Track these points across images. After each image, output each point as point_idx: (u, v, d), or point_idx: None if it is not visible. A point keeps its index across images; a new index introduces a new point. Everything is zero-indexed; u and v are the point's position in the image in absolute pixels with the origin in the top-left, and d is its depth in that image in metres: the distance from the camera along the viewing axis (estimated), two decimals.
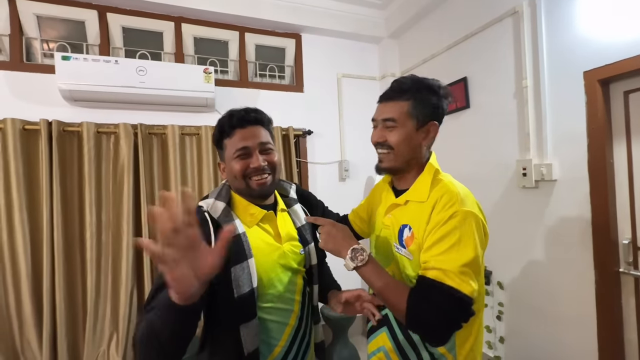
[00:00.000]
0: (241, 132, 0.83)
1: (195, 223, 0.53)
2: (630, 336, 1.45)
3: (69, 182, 1.92)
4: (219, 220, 0.78)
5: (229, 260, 0.74)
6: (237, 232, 0.79)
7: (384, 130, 0.85)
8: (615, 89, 1.47)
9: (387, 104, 0.85)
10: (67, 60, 1.82)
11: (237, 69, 2.48)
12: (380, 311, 0.85)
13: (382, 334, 0.87)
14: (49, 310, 1.78)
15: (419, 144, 0.85)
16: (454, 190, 0.78)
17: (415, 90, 0.83)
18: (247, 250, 0.78)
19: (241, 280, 0.75)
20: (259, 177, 0.82)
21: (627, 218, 1.44)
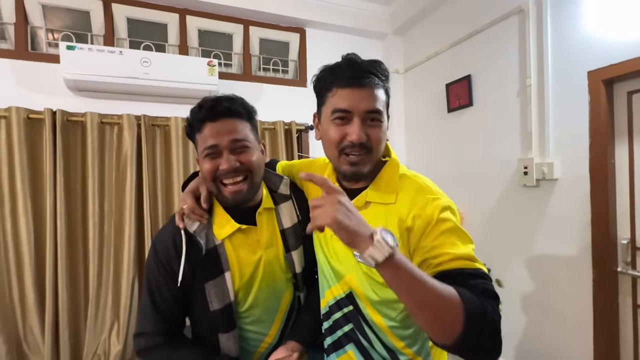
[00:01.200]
0: (211, 127, 0.71)
1: None
2: (626, 334, 1.47)
3: (72, 171, 1.93)
4: (195, 233, 0.73)
5: (202, 278, 0.73)
6: (212, 245, 0.74)
7: (366, 127, 0.67)
8: (619, 89, 1.47)
9: (366, 90, 0.66)
10: (72, 50, 1.82)
11: (241, 63, 2.48)
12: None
13: (347, 353, 0.74)
14: (51, 298, 1.80)
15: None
16: (424, 183, 0.69)
17: (384, 73, 0.69)
18: (224, 263, 0.73)
19: (216, 296, 0.72)
20: (231, 180, 0.71)
21: (626, 218, 1.45)
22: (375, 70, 0.67)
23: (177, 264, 0.72)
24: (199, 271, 0.72)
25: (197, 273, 0.73)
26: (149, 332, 0.74)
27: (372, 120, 0.68)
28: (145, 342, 0.74)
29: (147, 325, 0.74)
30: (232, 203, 0.75)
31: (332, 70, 0.69)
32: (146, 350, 0.74)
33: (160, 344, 0.73)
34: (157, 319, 0.73)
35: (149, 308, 0.74)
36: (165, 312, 0.74)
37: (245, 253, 0.76)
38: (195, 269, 0.72)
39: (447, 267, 0.58)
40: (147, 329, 0.74)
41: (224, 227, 0.75)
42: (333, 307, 0.76)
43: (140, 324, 0.76)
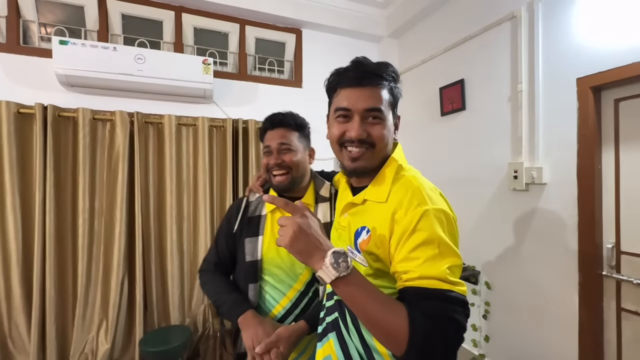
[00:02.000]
0: (270, 133, 0.99)
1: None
2: (610, 337, 1.50)
3: (62, 167, 1.91)
4: (250, 203, 1.05)
5: (244, 234, 1.00)
6: (259, 213, 1.02)
7: (365, 124, 0.69)
8: (606, 97, 1.50)
9: (365, 90, 0.69)
10: (65, 45, 1.80)
11: (237, 62, 2.48)
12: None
13: (329, 341, 0.74)
14: (38, 295, 1.78)
15: (393, 137, 0.75)
16: (418, 186, 0.66)
17: (388, 75, 0.71)
18: (261, 229, 0.99)
19: (250, 251, 0.97)
20: (276, 174, 0.97)
21: (612, 223, 1.48)
22: (378, 71, 0.70)
23: (233, 223, 1.03)
24: (244, 229, 1.00)
25: (243, 230, 1.00)
26: (208, 260, 1.07)
27: (374, 118, 0.70)
28: (205, 266, 1.07)
29: (208, 256, 1.08)
30: (276, 189, 1.00)
31: (339, 72, 0.74)
32: (202, 271, 1.08)
33: (212, 270, 1.06)
34: (214, 254, 1.06)
35: (213, 245, 1.08)
36: (220, 251, 1.05)
37: (276, 230, 0.97)
38: (243, 227, 1.01)
39: (411, 285, 0.58)
40: (207, 258, 1.08)
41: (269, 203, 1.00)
42: (329, 294, 0.80)
43: (207, 253, 1.10)
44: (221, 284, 1.01)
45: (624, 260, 1.45)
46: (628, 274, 1.42)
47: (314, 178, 1.09)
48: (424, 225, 0.60)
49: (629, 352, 1.44)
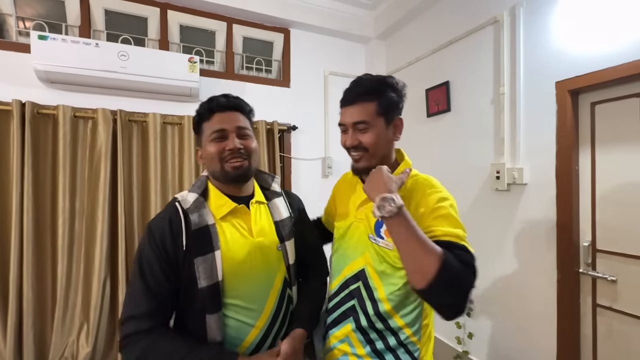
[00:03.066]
0: (220, 116, 0.83)
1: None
2: (586, 332, 1.55)
3: (41, 166, 1.86)
4: (188, 211, 0.79)
5: (193, 253, 0.75)
6: (205, 223, 0.78)
7: (356, 134, 0.85)
8: (583, 100, 1.56)
9: (354, 107, 0.85)
10: (44, 40, 1.75)
11: (224, 61, 2.46)
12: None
13: (346, 325, 0.86)
14: (15, 297, 1.72)
15: (391, 140, 0.90)
16: (432, 179, 0.87)
17: (379, 89, 0.85)
18: (214, 241, 0.77)
19: (205, 272, 0.74)
20: (234, 160, 0.81)
21: (588, 222, 1.54)
22: (362, 88, 0.85)
23: (172, 244, 0.76)
24: (191, 246, 0.76)
25: (190, 248, 0.76)
26: (139, 314, 0.73)
27: (361, 130, 0.85)
28: (135, 326, 0.72)
29: (137, 308, 0.73)
30: (233, 177, 0.82)
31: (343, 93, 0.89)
32: (135, 334, 0.72)
33: (149, 329, 0.73)
34: (148, 300, 0.73)
35: (139, 290, 0.74)
36: (156, 293, 0.74)
37: (238, 237, 0.81)
38: (188, 245, 0.76)
39: (438, 239, 0.72)
40: (136, 312, 0.73)
41: (222, 206, 0.82)
42: (343, 285, 0.90)
43: (128, 308, 0.74)
44: (174, 345, 0.71)
45: (599, 258, 1.50)
46: (603, 271, 1.48)
47: (257, 173, 0.95)
48: (442, 204, 0.78)
49: (604, 346, 1.49)
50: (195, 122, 0.86)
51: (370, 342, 0.83)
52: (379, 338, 0.83)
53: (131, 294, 0.75)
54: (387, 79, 0.88)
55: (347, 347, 0.85)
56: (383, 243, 0.83)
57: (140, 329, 0.72)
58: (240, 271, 0.79)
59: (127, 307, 0.75)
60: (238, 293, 0.78)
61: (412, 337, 0.83)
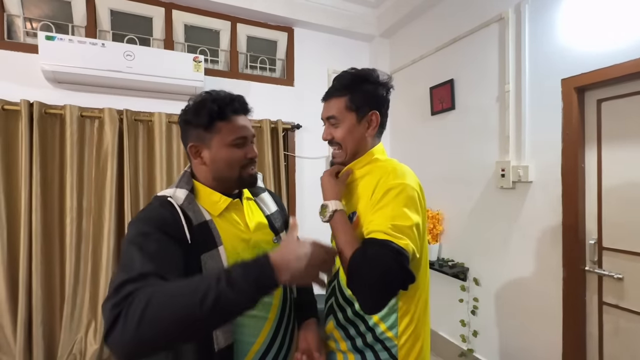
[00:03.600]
0: (238, 119, 0.78)
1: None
2: (592, 330, 1.55)
3: (49, 165, 1.88)
4: (182, 207, 0.71)
5: (197, 249, 0.69)
6: (203, 219, 0.73)
7: (329, 128, 0.88)
8: (589, 97, 1.55)
9: (328, 102, 0.87)
10: (52, 41, 1.77)
11: (228, 60, 2.47)
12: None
13: (330, 322, 0.88)
14: (24, 295, 1.74)
15: (363, 135, 0.86)
16: (389, 167, 0.81)
17: (351, 84, 0.84)
18: (217, 237, 0.73)
19: (212, 270, 0.68)
20: (252, 167, 0.82)
21: (594, 219, 1.53)
22: (337, 83, 0.86)
23: (176, 233, 0.67)
24: (196, 241, 0.69)
25: (195, 243, 0.69)
26: (134, 275, 0.56)
27: (333, 125, 0.87)
28: (131, 287, 0.54)
29: (131, 272, 0.57)
30: (248, 183, 0.84)
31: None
32: (130, 294, 0.54)
33: (149, 284, 0.56)
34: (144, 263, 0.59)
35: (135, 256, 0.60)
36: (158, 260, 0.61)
37: (236, 232, 0.78)
38: (193, 239, 0.69)
39: (369, 235, 0.71)
40: (130, 275, 0.56)
41: (217, 202, 0.78)
42: (328, 282, 0.91)
43: (119, 276, 0.58)
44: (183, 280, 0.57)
45: (606, 256, 1.50)
46: (609, 269, 1.47)
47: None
48: (387, 196, 0.74)
49: (610, 345, 1.49)
50: (210, 117, 0.75)
51: (350, 337, 0.82)
52: (357, 334, 0.81)
53: (124, 262, 0.61)
54: (364, 72, 0.86)
55: (333, 343, 0.86)
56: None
57: (137, 287, 0.55)
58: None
59: (118, 275, 0.58)
60: None
61: (387, 332, 0.79)
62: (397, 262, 0.64)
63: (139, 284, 0.55)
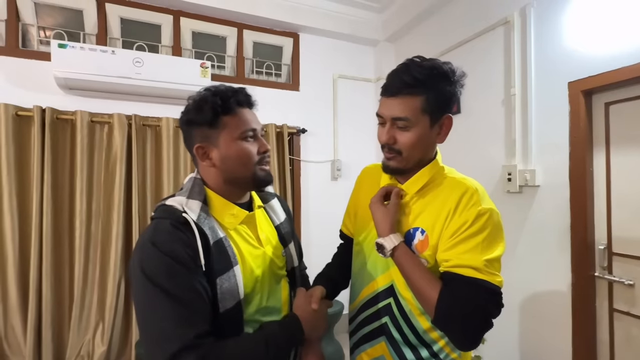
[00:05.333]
0: (246, 112, 0.72)
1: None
2: (603, 337, 1.51)
3: (60, 169, 1.92)
4: (197, 222, 0.64)
5: (212, 271, 0.64)
6: (218, 236, 0.67)
7: (393, 130, 0.73)
8: (597, 100, 1.53)
9: (396, 99, 0.71)
10: (64, 48, 1.82)
11: (234, 65, 2.50)
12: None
13: (380, 344, 0.80)
14: (34, 297, 1.78)
15: (433, 141, 0.77)
16: (468, 184, 0.73)
17: (430, 81, 0.70)
18: (232, 256, 0.67)
19: (228, 293, 0.64)
20: (265, 163, 0.75)
21: (603, 224, 1.50)
22: (409, 77, 0.70)
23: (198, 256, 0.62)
24: (210, 265, 0.63)
25: (209, 268, 0.63)
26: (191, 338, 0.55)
27: (400, 128, 0.72)
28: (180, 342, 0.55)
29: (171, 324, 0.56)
30: (264, 182, 0.75)
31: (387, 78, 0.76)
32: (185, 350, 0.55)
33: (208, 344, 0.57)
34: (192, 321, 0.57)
35: (164, 306, 0.56)
36: (200, 312, 0.59)
37: (250, 248, 0.72)
38: (208, 263, 0.63)
39: (448, 270, 0.67)
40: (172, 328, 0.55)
41: (234, 215, 0.72)
42: (369, 302, 0.83)
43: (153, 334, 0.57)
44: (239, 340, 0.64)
45: (616, 261, 1.47)
46: (619, 275, 1.44)
47: None
48: (477, 224, 0.67)
49: (622, 352, 1.45)
50: (214, 112, 0.69)
51: (404, 357, 0.77)
52: (412, 354, 0.76)
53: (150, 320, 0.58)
54: (442, 67, 0.71)
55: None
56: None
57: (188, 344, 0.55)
58: (257, 285, 0.71)
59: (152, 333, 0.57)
60: (257, 309, 0.71)
61: (451, 353, 0.76)
62: (493, 303, 0.64)
63: (184, 340, 0.55)
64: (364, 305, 0.85)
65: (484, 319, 0.64)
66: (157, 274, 0.58)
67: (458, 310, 0.63)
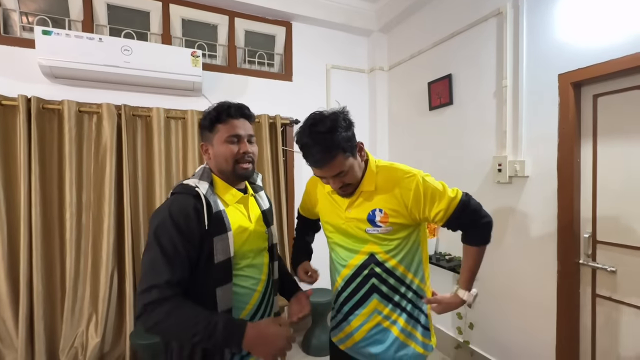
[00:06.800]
0: (236, 122, 0.95)
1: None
2: (585, 322, 1.58)
3: (48, 160, 1.88)
4: (206, 196, 0.89)
5: (212, 232, 0.87)
6: (219, 208, 0.90)
7: (338, 180, 0.96)
8: (586, 92, 1.56)
9: (327, 166, 0.92)
10: (48, 35, 1.76)
11: (226, 54, 2.46)
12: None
13: (372, 301, 1.02)
14: (25, 289, 1.76)
15: (360, 163, 1.00)
16: (395, 168, 1.01)
17: (333, 140, 0.89)
18: (227, 224, 0.90)
19: (221, 249, 0.87)
20: (245, 163, 0.95)
21: (588, 214, 1.55)
22: (320, 152, 0.91)
23: (197, 225, 0.85)
24: (211, 227, 0.87)
25: (210, 228, 0.87)
26: (162, 283, 0.79)
27: (341, 176, 0.95)
28: (157, 294, 0.78)
29: (159, 277, 0.80)
30: (242, 177, 0.97)
31: (304, 153, 0.96)
32: (157, 301, 0.78)
33: (171, 296, 0.80)
34: (170, 270, 0.81)
35: (160, 261, 0.81)
36: (177, 265, 0.82)
37: (241, 221, 0.96)
38: (210, 225, 0.88)
39: (446, 219, 0.98)
40: (159, 281, 0.79)
41: (233, 194, 0.97)
42: (351, 277, 1.04)
43: (147, 278, 0.80)
44: (194, 310, 0.80)
45: (599, 249, 1.52)
46: (603, 262, 1.50)
47: None
48: (423, 185, 0.96)
49: (602, 336, 1.52)
50: (210, 121, 0.95)
51: (395, 303, 1.02)
52: (401, 298, 1.02)
53: (151, 266, 0.81)
54: (330, 123, 0.89)
55: (378, 317, 1.03)
56: (383, 229, 0.99)
57: (162, 296, 0.78)
58: (245, 249, 0.94)
59: (147, 276, 0.81)
60: (243, 266, 0.94)
61: (420, 283, 1.05)
62: (471, 198, 1.03)
63: (162, 294, 0.79)
64: (348, 281, 1.05)
65: (480, 206, 1.01)
66: (162, 233, 0.83)
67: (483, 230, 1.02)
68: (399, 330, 1.02)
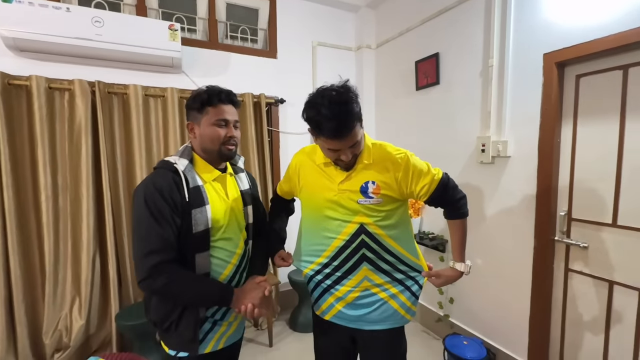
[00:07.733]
0: (224, 107, 1.02)
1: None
2: (558, 295, 1.66)
3: (18, 140, 1.78)
4: (184, 172, 0.96)
5: (191, 204, 0.95)
6: (197, 184, 0.98)
7: (349, 151, 0.98)
8: (569, 72, 1.57)
9: (347, 138, 0.94)
10: (9, 3, 1.62)
11: (206, 29, 2.34)
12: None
13: (362, 269, 1.07)
14: (2, 273, 1.71)
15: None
16: (388, 147, 1.07)
17: (354, 111, 0.93)
18: (205, 198, 0.98)
19: (199, 221, 0.95)
20: (230, 145, 1.03)
21: (565, 192, 1.60)
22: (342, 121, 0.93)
23: (178, 196, 0.93)
24: (191, 200, 0.95)
25: (190, 201, 0.95)
26: (159, 247, 0.88)
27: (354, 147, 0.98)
28: (159, 257, 0.87)
29: (156, 242, 0.88)
30: (225, 157, 1.05)
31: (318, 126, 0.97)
32: (161, 264, 0.87)
33: (172, 260, 0.90)
34: (164, 235, 0.89)
35: (154, 229, 0.88)
36: (169, 230, 0.91)
37: (219, 197, 1.03)
38: (189, 198, 0.95)
39: (429, 194, 1.06)
40: (156, 246, 0.88)
41: (211, 172, 1.04)
42: (342, 247, 1.06)
43: (146, 244, 0.88)
44: (193, 274, 0.94)
45: (574, 226, 1.59)
46: (576, 239, 1.57)
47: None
48: (412, 162, 1.04)
49: (572, 307, 1.62)
50: (201, 103, 1.00)
51: (386, 272, 1.08)
52: (393, 269, 1.08)
53: (145, 235, 0.89)
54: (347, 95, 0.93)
55: (367, 283, 1.07)
56: (374, 201, 1.03)
57: (164, 259, 0.88)
58: (222, 222, 1.01)
59: (144, 244, 0.88)
60: (220, 238, 1.02)
61: (412, 258, 1.11)
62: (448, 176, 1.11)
63: (164, 257, 0.88)
64: (339, 251, 1.07)
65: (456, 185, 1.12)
66: (150, 202, 0.90)
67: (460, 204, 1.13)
68: (388, 295, 1.08)
